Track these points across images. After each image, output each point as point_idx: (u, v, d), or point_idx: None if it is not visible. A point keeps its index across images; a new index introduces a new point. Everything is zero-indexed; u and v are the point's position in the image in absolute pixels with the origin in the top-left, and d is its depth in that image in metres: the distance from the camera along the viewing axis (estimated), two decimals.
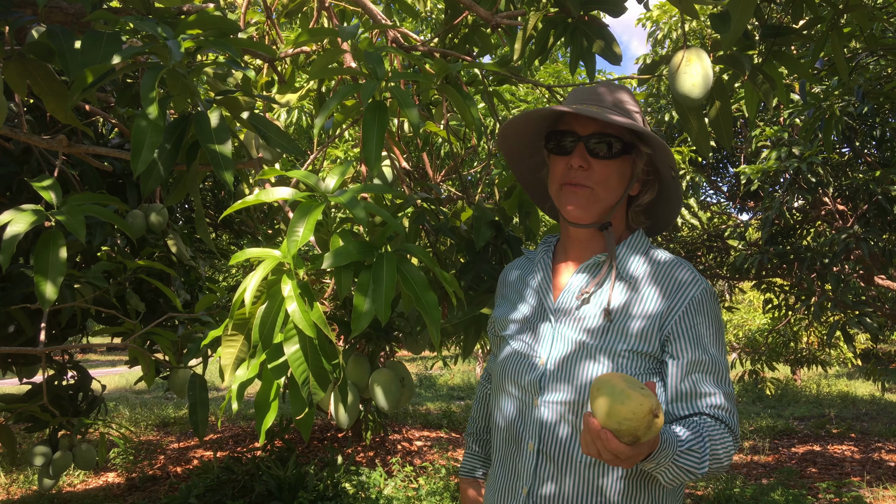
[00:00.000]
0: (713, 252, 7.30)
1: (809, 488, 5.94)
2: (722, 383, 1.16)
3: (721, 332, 1.20)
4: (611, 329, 1.18)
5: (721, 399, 1.15)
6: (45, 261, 1.39)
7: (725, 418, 1.14)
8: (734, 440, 1.14)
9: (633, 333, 1.17)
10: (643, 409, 0.89)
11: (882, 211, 4.98)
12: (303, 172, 1.29)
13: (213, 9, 1.90)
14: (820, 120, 4.00)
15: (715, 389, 1.15)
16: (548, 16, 1.93)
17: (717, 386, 1.15)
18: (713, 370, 1.16)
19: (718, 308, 1.21)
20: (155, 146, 1.21)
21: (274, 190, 1.25)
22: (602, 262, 1.24)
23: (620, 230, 1.28)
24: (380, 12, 2.06)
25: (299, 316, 1.12)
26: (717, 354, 1.17)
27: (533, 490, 1.20)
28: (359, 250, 1.21)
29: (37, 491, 5.62)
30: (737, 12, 1.55)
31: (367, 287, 1.17)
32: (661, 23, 6.80)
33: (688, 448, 1.06)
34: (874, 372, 5.64)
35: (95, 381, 2.87)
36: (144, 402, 11.05)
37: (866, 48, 3.69)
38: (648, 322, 1.17)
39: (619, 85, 1.29)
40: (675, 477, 1.07)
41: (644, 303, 1.19)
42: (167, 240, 2.85)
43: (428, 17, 6.90)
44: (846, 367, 15.77)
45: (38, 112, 2.50)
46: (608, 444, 0.93)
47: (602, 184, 1.21)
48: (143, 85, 1.18)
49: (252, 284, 1.16)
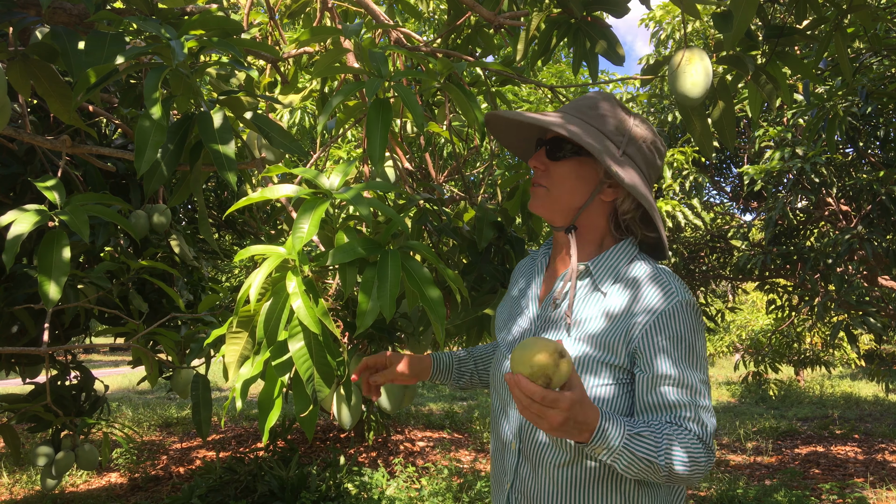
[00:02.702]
0: (716, 252, 7.29)
1: (813, 489, 5.92)
2: (694, 395, 1.11)
3: (695, 346, 1.14)
4: (579, 338, 1.18)
5: (691, 411, 1.10)
6: (49, 261, 1.39)
7: (694, 429, 1.09)
8: (706, 450, 1.08)
9: (599, 343, 1.16)
10: (548, 349, 0.94)
11: (886, 211, 4.96)
12: (307, 170, 1.29)
13: (217, 9, 1.90)
14: (823, 120, 3.99)
15: (685, 401, 1.10)
16: (551, 16, 1.93)
17: (687, 397, 1.10)
18: (683, 383, 1.11)
19: (695, 322, 1.16)
20: (158, 146, 1.21)
21: (278, 187, 1.25)
22: (581, 270, 1.24)
23: (599, 237, 1.27)
24: (382, 13, 2.06)
25: (304, 312, 1.12)
26: (688, 368, 1.12)
27: (514, 486, 1.25)
28: (363, 247, 1.21)
29: (40, 491, 5.63)
30: (739, 12, 1.55)
31: (372, 284, 1.17)
32: (664, 23, 6.80)
33: (637, 433, 1.03)
34: (878, 373, 5.62)
35: (98, 382, 2.87)
36: (147, 402, 11.07)
37: (870, 48, 3.68)
38: (614, 333, 1.16)
39: (618, 102, 1.29)
40: (632, 464, 1.03)
41: (612, 313, 1.18)
42: (170, 240, 2.85)
43: (430, 17, 6.90)
44: (850, 367, 15.73)
45: (42, 113, 2.50)
46: (523, 387, 0.94)
47: (557, 184, 1.24)
48: (146, 85, 1.18)
49: (258, 281, 1.16)
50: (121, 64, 1.20)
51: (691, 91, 1.58)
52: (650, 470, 1.04)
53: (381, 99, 1.33)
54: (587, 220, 1.26)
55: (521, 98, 7.18)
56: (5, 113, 1.37)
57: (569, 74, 7.58)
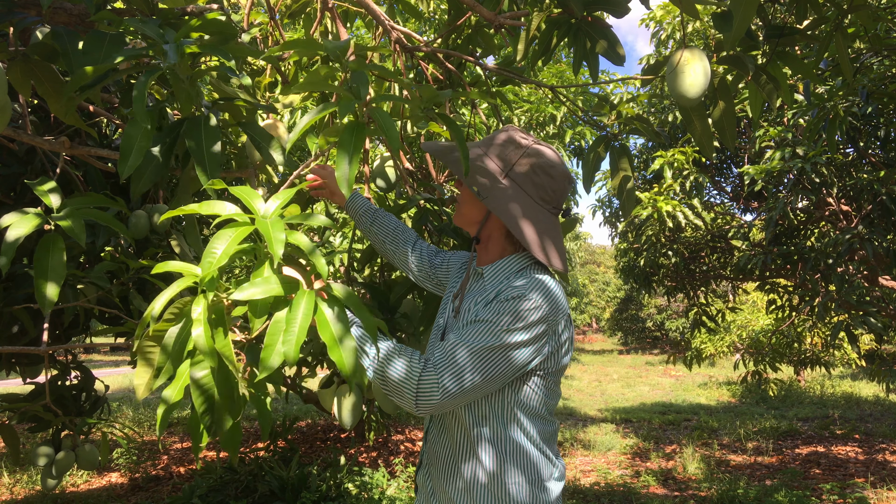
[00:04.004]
0: (717, 253, 7.29)
1: (813, 489, 5.92)
2: (463, 340, 1.25)
3: (503, 319, 1.26)
4: (454, 329, 1.36)
5: (446, 357, 1.25)
6: (45, 264, 1.38)
7: (432, 362, 1.25)
8: (419, 377, 1.22)
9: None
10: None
11: (886, 211, 4.96)
12: (244, 189, 1.20)
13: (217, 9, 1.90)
14: (824, 120, 3.99)
15: (447, 348, 1.26)
16: (551, 16, 1.93)
17: (455, 340, 1.26)
18: (467, 331, 1.27)
19: (519, 318, 1.26)
20: (143, 151, 1.20)
21: (215, 203, 1.17)
22: (479, 273, 1.46)
23: (498, 247, 1.46)
24: (383, 13, 2.06)
25: (202, 342, 1.05)
26: (477, 334, 1.26)
27: (425, 467, 1.46)
28: (282, 284, 1.11)
29: (40, 491, 5.64)
30: (739, 12, 1.55)
31: (281, 327, 1.08)
32: (665, 23, 6.79)
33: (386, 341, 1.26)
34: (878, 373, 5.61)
35: (98, 382, 2.87)
36: (147, 402, 11.07)
37: (870, 48, 3.68)
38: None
39: (521, 133, 1.48)
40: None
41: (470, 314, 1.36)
42: (170, 240, 2.85)
43: (431, 17, 6.90)
44: (850, 367, 15.73)
45: (43, 112, 2.50)
46: None
47: (460, 203, 1.51)
48: (136, 88, 1.16)
49: (162, 301, 1.10)
50: (119, 63, 1.19)
51: (689, 91, 1.58)
52: (364, 355, 1.24)
53: (355, 122, 1.26)
54: (488, 233, 1.47)
55: (522, 98, 7.18)
56: (6, 113, 1.37)
57: (569, 74, 7.57)
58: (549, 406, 1.39)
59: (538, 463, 1.34)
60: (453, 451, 1.36)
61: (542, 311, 1.28)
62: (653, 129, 2.07)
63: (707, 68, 1.59)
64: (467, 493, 1.33)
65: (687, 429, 9.50)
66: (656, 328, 27.86)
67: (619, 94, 7.14)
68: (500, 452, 1.32)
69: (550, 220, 1.41)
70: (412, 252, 1.75)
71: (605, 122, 2.06)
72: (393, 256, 1.80)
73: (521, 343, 1.26)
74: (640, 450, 8.00)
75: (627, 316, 29.52)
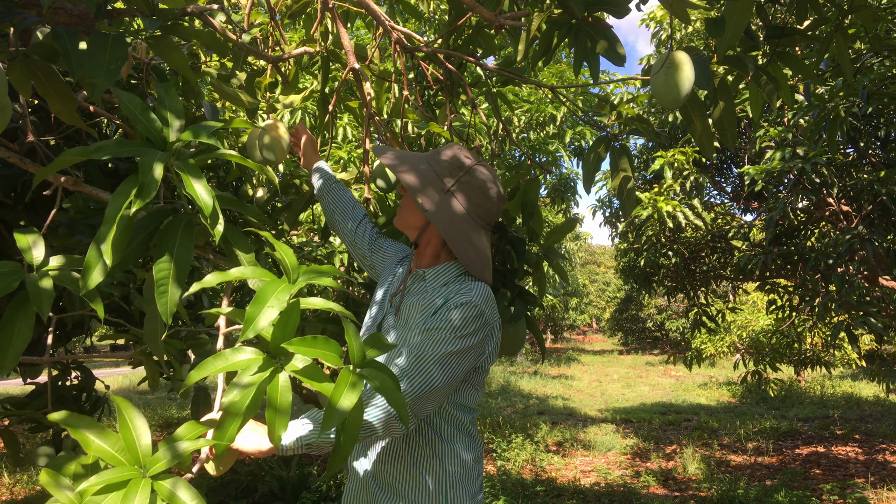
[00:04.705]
0: (717, 253, 7.28)
1: (813, 490, 5.92)
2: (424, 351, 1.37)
3: (455, 324, 1.39)
4: (402, 324, 1.52)
5: (409, 366, 1.36)
6: (12, 329, 1.25)
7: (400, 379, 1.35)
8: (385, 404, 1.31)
9: (410, 327, 1.49)
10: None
11: (886, 211, 4.96)
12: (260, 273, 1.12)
13: (218, 9, 1.90)
14: (824, 120, 3.99)
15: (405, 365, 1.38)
16: (551, 17, 1.92)
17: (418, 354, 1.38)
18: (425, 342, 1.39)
19: (468, 324, 1.40)
20: (104, 272, 1.12)
21: (233, 271, 1.12)
22: (420, 275, 1.57)
23: (435, 252, 1.58)
24: (383, 13, 2.06)
25: None
26: (424, 342, 1.38)
27: (356, 460, 1.58)
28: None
29: (40, 491, 5.64)
30: (733, 19, 1.55)
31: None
32: (665, 23, 6.79)
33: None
34: (879, 373, 5.61)
35: (99, 382, 2.87)
36: (148, 402, 11.07)
37: (871, 49, 3.68)
38: (421, 322, 1.46)
39: (465, 151, 1.59)
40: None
41: (424, 309, 1.48)
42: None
43: (431, 18, 6.90)
44: (850, 368, 15.73)
45: (43, 113, 2.50)
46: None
47: (401, 209, 1.62)
48: (109, 206, 1.08)
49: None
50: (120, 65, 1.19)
51: (668, 94, 1.56)
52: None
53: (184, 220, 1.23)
54: (426, 239, 1.58)
55: (522, 98, 7.18)
56: (6, 113, 1.37)
57: (569, 75, 7.57)
58: (476, 397, 1.57)
59: (469, 446, 1.53)
60: (395, 438, 1.50)
61: (486, 315, 1.44)
62: (653, 130, 2.07)
63: (690, 73, 1.55)
64: (411, 471, 1.49)
65: (687, 429, 9.50)
66: (656, 328, 27.85)
67: (620, 95, 7.14)
68: (439, 436, 1.49)
69: (483, 236, 1.55)
70: (357, 229, 1.86)
71: (605, 123, 2.06)
72: (338, 227, 1.91)
73: (474, 344, 1.42)
74: (641, 450, 8.00)
75: (628, 316, 29.52)
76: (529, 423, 9.51)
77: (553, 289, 19.48)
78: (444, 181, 1.53)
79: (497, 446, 7.68)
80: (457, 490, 1.49)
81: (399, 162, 1.58)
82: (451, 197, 1.53)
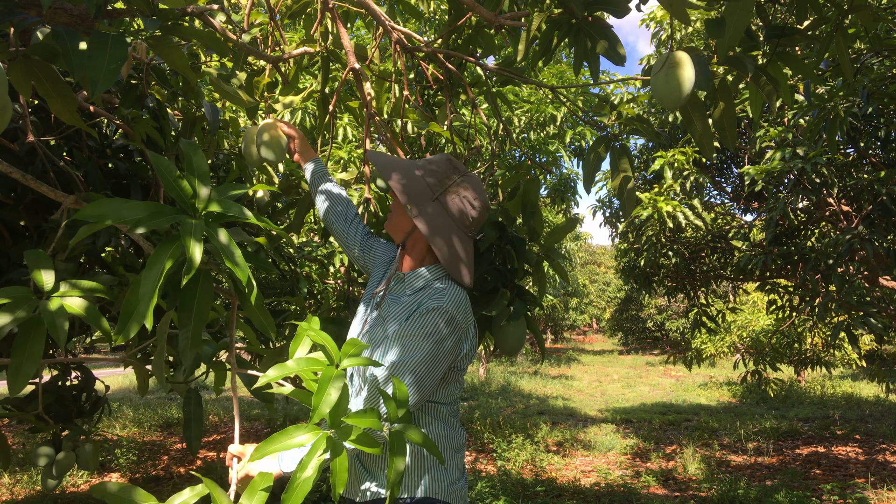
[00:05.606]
0: (717, 253, 7.28)
1: (814, 490, 5.92)
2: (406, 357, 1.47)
3: (418, 343, 1.48)
4: (383, 322, 1.59)
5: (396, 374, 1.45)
6: (23, 350, 1.29)
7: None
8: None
9: (388, 334, 1.55)
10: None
11: (887, 211, 4.96)
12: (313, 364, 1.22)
13: (218, 9, 1.90)
14: (824, 120, 3.99)
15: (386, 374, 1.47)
16: (552, 17, 1.92)
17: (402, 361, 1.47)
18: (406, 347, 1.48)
19: (441, 329, 1.49)
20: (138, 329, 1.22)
21: (291, 364, 1.21)
22: (400, 277, 1.66)
23: (420, 256, 1.67)
24: (383, 13, 2.06)
25: None
26: (400, 350, 1.48)
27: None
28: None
29: (40, 491, 5.64)
30: (733, 20, 1.55)
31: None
32: (665, 23, 6.79)
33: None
34: (879, 373, 5.61)
35: (99, 382, 2.87)
36: (148, 402, 11.07)
37: (871, 49, 3.68)
38: (394, 328, 1.54)
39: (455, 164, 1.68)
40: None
41: (404, 311, 1.56)
42: None
43: (431, 17, 6.90)
44: (850, 368, 15.73)
45: (43, 113, 2.50)
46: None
47: (391, 212, 1.72)
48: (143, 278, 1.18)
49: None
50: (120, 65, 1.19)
51: (669, 95, 1.56)
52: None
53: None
54: (412, 242, 1.68)
55: (522, 98, 7.18)
56: (6, 113, 1.37)
57: (570, 75, 7.57)
58: (456, 391, 1.65)
59: (447, 434, 1.61)
60: None
61: (457, 319, 1.52)
62: (653, 130, 2.07)
63: (691, 73, 1.55)
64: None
65: (687, 429, 9.50)
66: (657, 328, 27.84)
67: (620, 95, 7.14)
68: (417, 424, 1.58)
69: (467, 243, 1.64)
70: (349, 229, 1.92)
71: (605, 123, 2.06)
72: (332, 227, 1.96)
73: (447, 349, 1.51)
74: (641, 450, 8.00)
75: (628, 316, 29.51)
76: (529, 423, 9.51)
77: (553, 289, 19.47)
78: (433, 189, 1.63)
79: (497, 446, 7.67)
80: (434, 476, 1.56)
81: (391, 168, 1.66)
82: (439, 204, 1.62)
